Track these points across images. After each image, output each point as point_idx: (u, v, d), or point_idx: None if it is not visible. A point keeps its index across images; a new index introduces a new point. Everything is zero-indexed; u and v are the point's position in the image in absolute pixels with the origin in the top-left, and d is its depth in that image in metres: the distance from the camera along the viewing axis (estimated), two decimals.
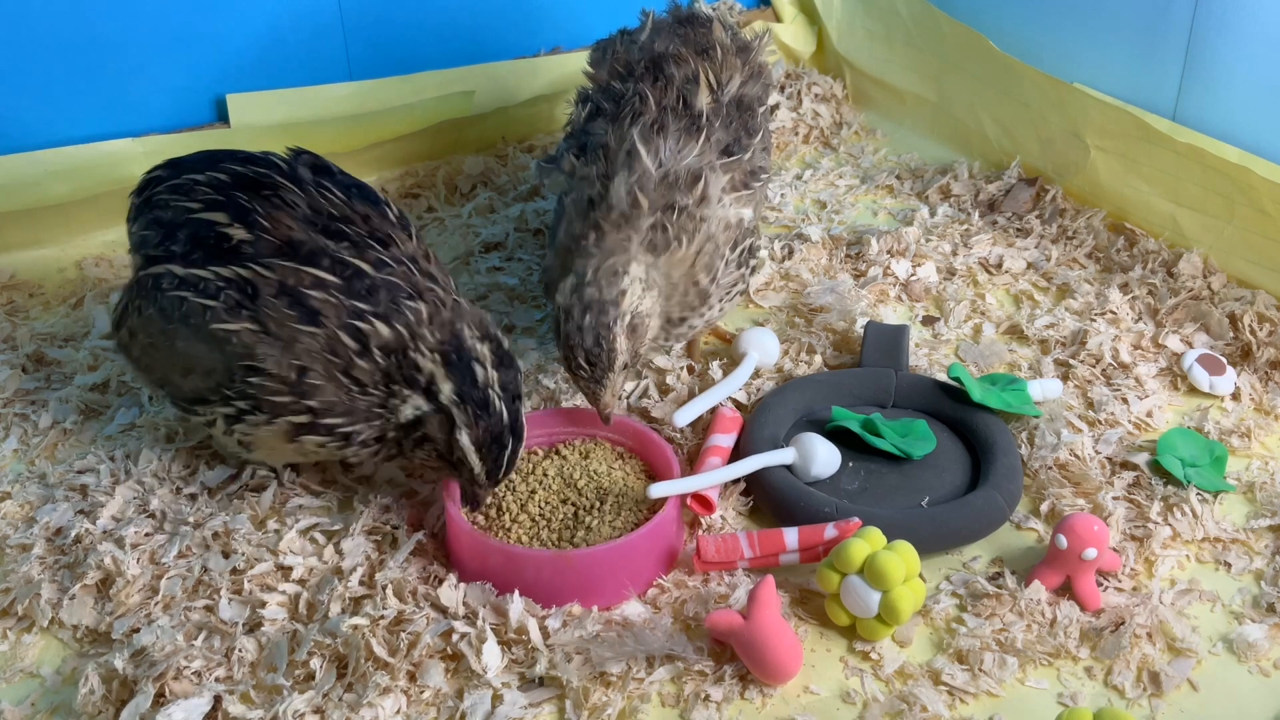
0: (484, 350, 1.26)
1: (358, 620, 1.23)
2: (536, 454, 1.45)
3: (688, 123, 1.50)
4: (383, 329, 1.26)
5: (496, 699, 1.19)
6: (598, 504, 1.37)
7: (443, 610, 1.27)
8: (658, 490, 1.35)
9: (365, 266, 1.30)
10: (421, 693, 1.20)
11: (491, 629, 1.24)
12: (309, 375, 1.27)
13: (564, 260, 1.45)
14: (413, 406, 1.26)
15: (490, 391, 1.25)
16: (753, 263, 1.58)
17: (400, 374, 1.26)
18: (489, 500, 1.35)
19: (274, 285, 1.28)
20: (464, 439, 1.25)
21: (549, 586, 1.28)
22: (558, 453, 1.45)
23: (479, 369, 1.25)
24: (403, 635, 1.23)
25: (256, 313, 1.27)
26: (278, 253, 1.30)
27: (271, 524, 1.40)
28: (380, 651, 1.21)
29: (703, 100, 1.53)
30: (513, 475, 1.39)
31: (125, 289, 1.43)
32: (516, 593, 1.27)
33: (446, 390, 1.25)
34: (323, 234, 1.32)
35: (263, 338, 1.27)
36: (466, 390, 1.25)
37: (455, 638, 1.24)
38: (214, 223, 1.34)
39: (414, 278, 1.31)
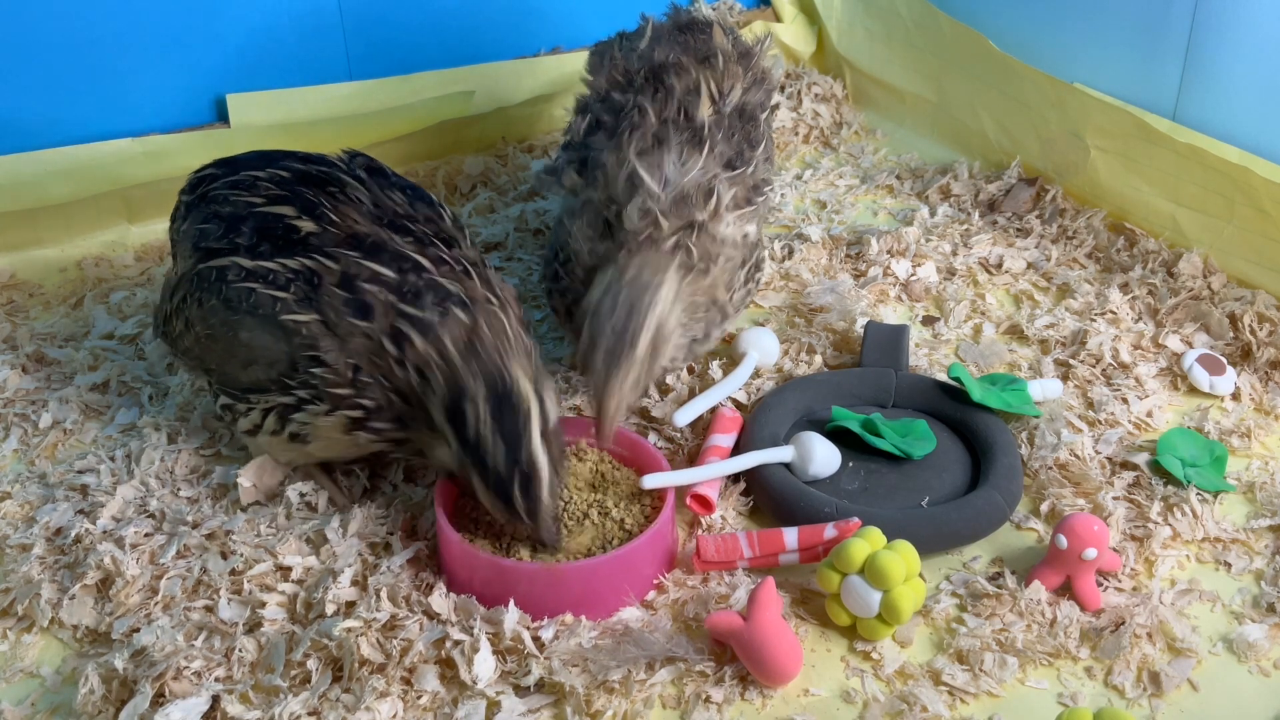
0: (477, 387, 1.22)
1: (351, 623, 1.22)
2: None
3: (690, 135, 1.48)
4: (419, 342, 1.25)
5: (493, 705, 1.19)
6: (590, 514, 1.36)
7: (435, 617, 1.27)
8: (651, 481, 1.35)
9: (425, 262, 1.29)
10: (419, 697, 1.20)
11: (487, 637, 1.23)
12: (361, 373, 1.27)
13: (588, 277, 1.44)
14: (444, 456, 1.27)
15: (481, 429, 1.22)
16: (758, 275, 1.57)
17: (425, 415, 1.26)
18: (554, 532, 1.29)
19: (336, 275, 1.28)
20: (475, 481, 1.24)
21: (541, 600, 1.26)
22: None
23: (470, 409, 1.22)
24: (395, 641, 1.23)
25: (319, 303, 1.27)
26: (342, 244, 1.30)
27: (269, 524, 1.40)
28: (372, 654, 1.21)
29: (704, 112, 1.51)
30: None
31: (175, 283, 1.43)
32: (512, 602, 1.26)
33: (451, 438, 1.24)
34: (388, 229, 1.32)
35: (326, 330, 1.27)
36: (465, 441, 1.23)
37: (449, 645, 1.23)
38: (281, 215, 1.34)
39: (469, 282, 1.30)
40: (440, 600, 1.27)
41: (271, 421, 1.35)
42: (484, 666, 1.21)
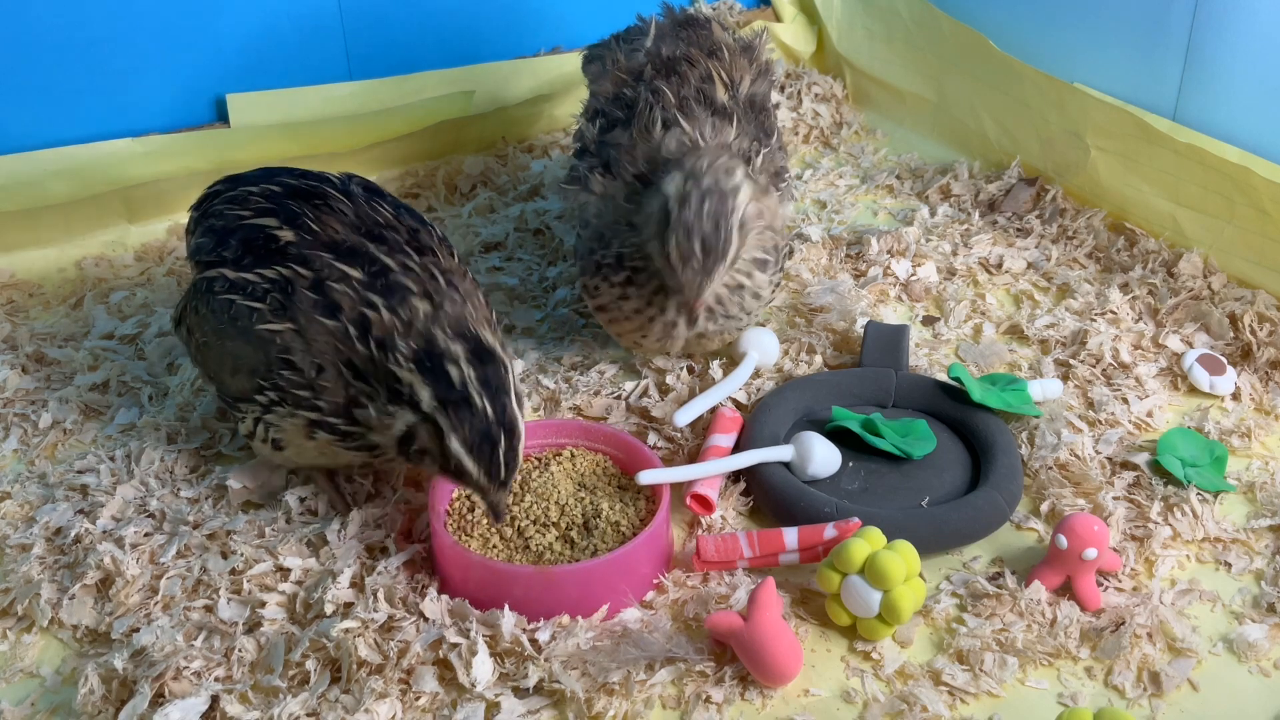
0: (458, 349, 1.22)
1: (349, 624, 1.22)
2: (526, 464, 1.43)
3: (715, 112, 1.48)
4: (386, 315, 1.26)
5: (492, 707, 1.19)
6: (586, 518, 1.35)
7: (431, 619, 1.26)
8: (647, 477, 1.35)
9: (391, 264, 1.30)
10: (417, 699, 1.20)
11: (484, 640, 1.23)
12: (323, 375, 1.28)
13: (640, 226, 1.43)
14: (402, 421, 1.25)
15: (470, 389, 1.21)
16: (786, 261, 1.55)
17: (385, 388, 1.25)
18: (509, 506, 1.30)
19: (308, 280, 1.30)
20: (453, 444, 1.21)
21: (537, 603, 1.26)
22: (545, 466, 1.43)
23: (453, 369, 1.21)
24: (392, 643, 1.22)
25: (293, 310, 1.29)
26: (318, 249, 1.32)
27: (269, 525, 1.40)
28: (370, 655, 1.21)
29: (721, 96, 1.51)
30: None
31: (184, 292, 1.47)
32: (506, 607, 1.25)
33: (426, 398, 1.22)
34: (365, 237, 1.34)
35: (297, 336, 1.28)
36: (444, 393, 1.21)
37: (445, 647, 1.23)
38: (264, 227, 1.36)
39: (435, 283, 1.30)
40: (432, 604, 1.27)
41: (261, 430, 1.37)
42: (482, 669, 1.20)
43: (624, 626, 1.27)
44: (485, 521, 1.35)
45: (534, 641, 1.23)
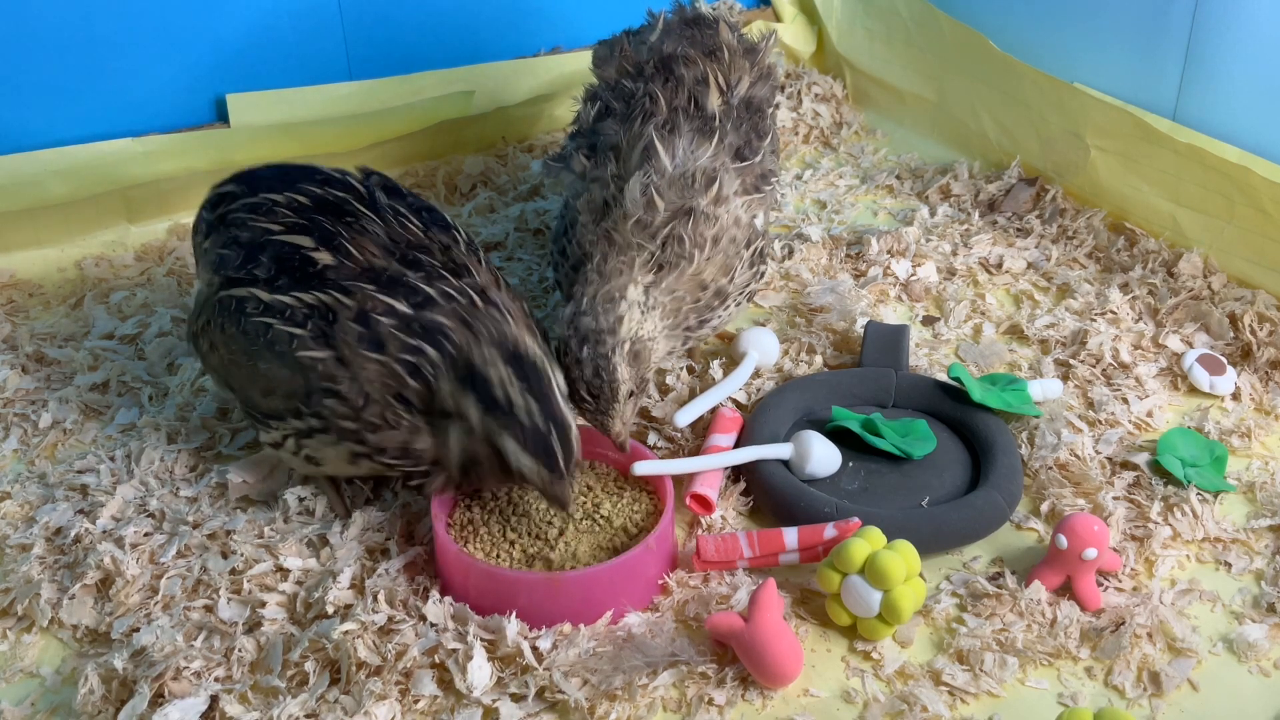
0: (493, 353, 1.24)
1: (348, 625, 1.22)
2: None
3: (700, 124, 1.49)
4: (431, 353, 1.26)
5: (490, 712, 1.19)
6: (584, 524, 1.35)
7: (430, 624, 1.26)
8: (642, 468, 1.35)
9: (433, 293, 1.29)
10: (416, 702, 1.20)
11: (482, 645, 1.22)
12: (368, 407, 1.27)
13: (578, 271, 1.44)
14: (458, 444, 1.26)
15: (510, 391, 1.22)
16: (762, 268, 1.57)
17: (438, 414, 1.26)
18: (575, 496, 1.30)
19: (352, 311, 1.28)
20: (509, 445, 1.23)
21: (541, 609, 1.26)
22: None
23: (492, 371, 1.23)
24: (390, 646, 1.22)
25: (334, 338, 1.27)
26: (359, 278, 1.30)
27: (269, 525, 1.40)
28: (369, 657, 1.21)
29: (713, 102, 1.53)
30: (500, 495, 1.38)
31: (200, 304, 1.43)
32: (513, 614, 1.25)
33: (474, 412, 1.23)
34: (400, 262, 1.32)
35: (340, 365, 1.27)
36: (488, 401, 1.23)
37: (442, 652, 1.22)
38: (299, 246, 1.34)
39: (474, 309, 1.29)
40: (434, 607, 1.27)
41: (291, 444, 1.36)
42: (479, 675, 1.20)
43: (628, 630, 1.27)
44: (487, 530, 1.35)
45: (535, 650, 1.23)
